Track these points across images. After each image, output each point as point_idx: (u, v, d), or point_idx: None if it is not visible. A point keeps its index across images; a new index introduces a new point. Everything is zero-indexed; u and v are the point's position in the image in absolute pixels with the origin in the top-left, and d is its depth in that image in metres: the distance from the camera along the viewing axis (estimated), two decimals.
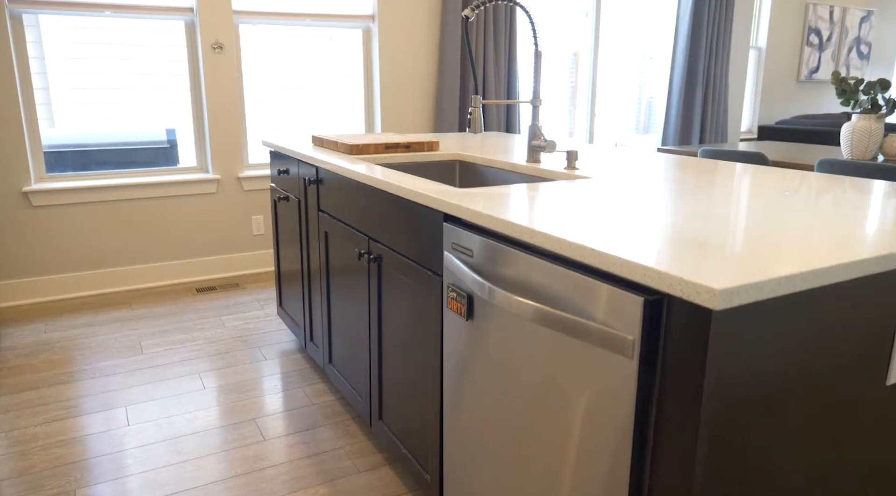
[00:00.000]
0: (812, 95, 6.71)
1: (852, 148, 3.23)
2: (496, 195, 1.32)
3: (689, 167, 1.82)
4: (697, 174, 1.67)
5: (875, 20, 6.97)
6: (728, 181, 1.55)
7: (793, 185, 1.49)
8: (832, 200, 1.29)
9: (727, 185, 1.49)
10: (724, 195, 1.34)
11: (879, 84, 3.09)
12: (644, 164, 1.86)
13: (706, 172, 1.71)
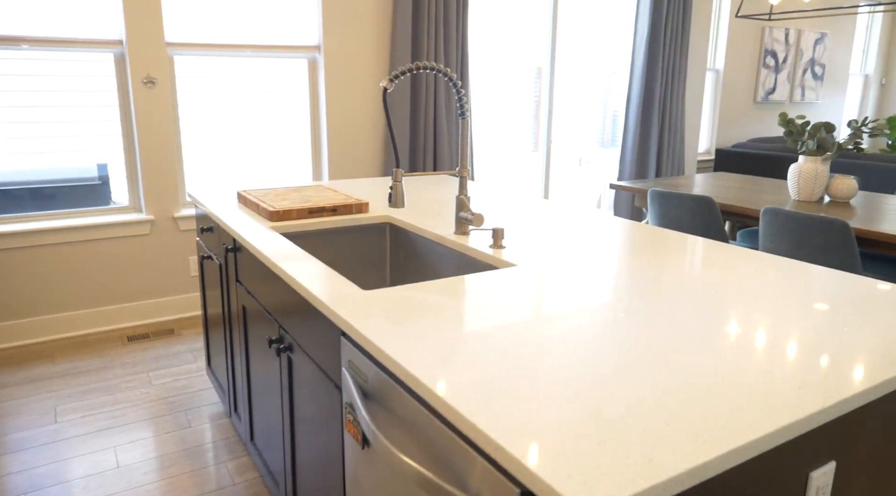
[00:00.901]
0: (769, 116, 6.76)
1: (799, 189, 3.21)
2: (402, 306, 1.22)
3: (634, 243, 1.74)
4: (639, 266, 1.59)
5: (828, 42, 7.06)
6: (671, 288, 1.47)
7: (734, 298, 1.42)
8: (774, 328, 1.22)
9: (668, 291, 1.41)
10: (661, 322, 1.26)
11: (824, 127, 3.07)
12: (579, 238, 1.78)
13: (648, 264, 1.63)
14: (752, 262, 1.56)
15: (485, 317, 1.16)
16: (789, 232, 2.65)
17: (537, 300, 1.26)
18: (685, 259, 1.58)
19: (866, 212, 2.95)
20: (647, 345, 1.04)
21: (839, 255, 2.54)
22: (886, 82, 8.01)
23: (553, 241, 1.74)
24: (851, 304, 1.26)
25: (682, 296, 1.29)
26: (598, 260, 1.57)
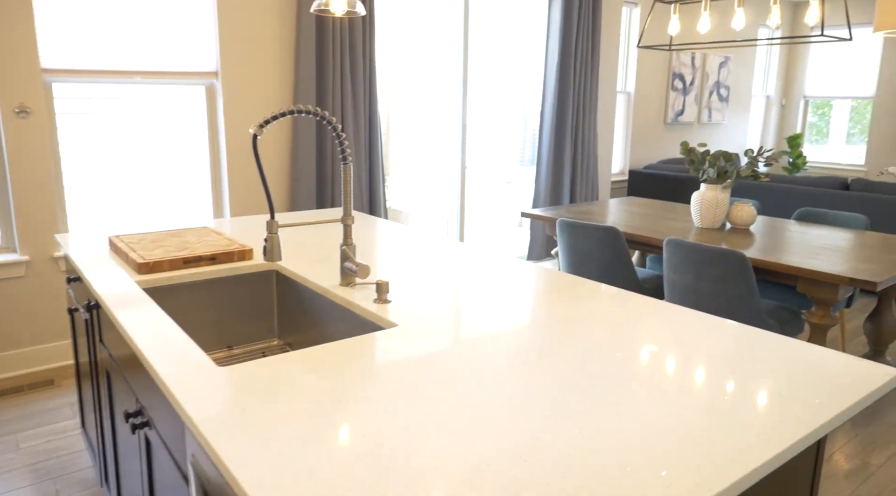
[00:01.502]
0: (678, 137, 6.98)
1: (702, 217, 3.26)
2: (255, 389, 1.09)
3: (532, 294, 1.67)
4: (536, 322, 1.51)
5: (732, 65, 7.37)
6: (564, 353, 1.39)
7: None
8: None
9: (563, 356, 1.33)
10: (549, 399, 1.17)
11: (723, 156, 3.13)
12: (476, 288, 1.69)
13: (547, 318, 1.56)
14: (655, 314, 1.51)
15: (349, 406, 1.04)
16: (691, 263, 2.67)
17: (416, 377, 1.16)
18: (589, 314, 1.52)
19: (764, 239, 3.02)
20: (544, 441, 0.95)
21: (738, 285, 2.57)
22: (786, 103, 8.45)
23: (447, 292, 1.65)
24: (745, 370, 1.22)
25: (585, 368, 1.22)
26: (491, 316, 1.48)
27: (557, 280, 1.79)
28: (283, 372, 1.16)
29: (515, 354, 1.25)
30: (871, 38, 7.64)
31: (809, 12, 2.73)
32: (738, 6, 3.03)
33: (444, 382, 1.12)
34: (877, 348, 3.16)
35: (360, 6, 2.25)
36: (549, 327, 1.41)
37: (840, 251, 2.79)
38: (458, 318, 1.46)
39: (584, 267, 3.16)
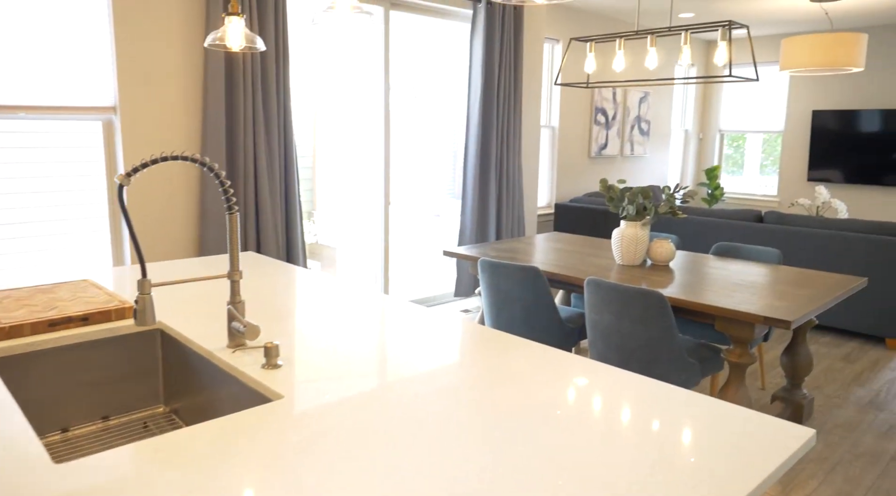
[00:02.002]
0: (603, 170, 7.10)
1: (622, 254, 3.25)
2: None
3: (448, 352, 1.55)
4: (446, 391, 1.39)
5: (651, 101, 7.60)
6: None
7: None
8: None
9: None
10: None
11: (641, 193, 3.14)
12: (382, 347, 1.56)
13: (459, 385, 1.43)
14: (566, 372, 1.41)
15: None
16: (611, 303, 2.63)
17: (296, 465, 1.01)
18: (500, 375, 1.41)
19: (684, 276, 3.02)
20: None
21: (658, 326, 2.53)
22: (703, 136, 8.78)
23: (351, 353, 1.51)
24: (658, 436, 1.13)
25: (491, 443, 1.09)
26: (394, 382, 1.35)
27: (471, 335, 1.68)
28: (129, 472, 0.99)
29: (415, 429, 1.12)
30: (778, 76, 8.05)
31: (718, 53, 2.78)
32: (651, 45, 3.07)
33: (328, 472, 0.98)
34: (794, 382, 3.19)
35: (259, 42, 2.13)
36: (458, 394, 1.29)
37: (755, 287, 2.81)
38: (357, 386, 1.32)
39: (506, 307, 3.07)
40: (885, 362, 4.00)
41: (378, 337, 1.64)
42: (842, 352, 4.16)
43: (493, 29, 4.75)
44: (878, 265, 4.22)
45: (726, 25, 2.71)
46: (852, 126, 7.28)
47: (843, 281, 2.97)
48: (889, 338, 4.25)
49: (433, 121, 6.03)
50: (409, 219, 6.81)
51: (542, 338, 3.04)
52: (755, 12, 6.43)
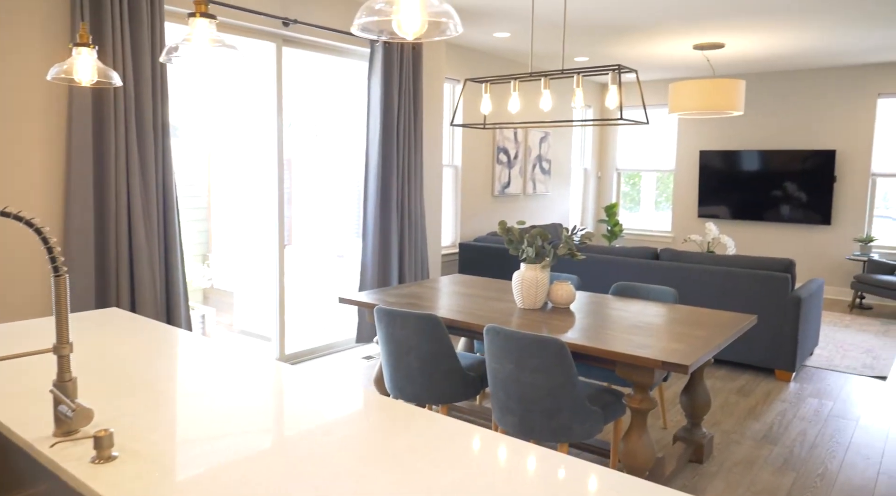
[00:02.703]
0: (507, 208, 7.14)
1: (523, 298, 3.17)
2: None
3: (332, 431, 1.35)
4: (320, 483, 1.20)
5: (551, 140, 7.78)
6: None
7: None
8: None
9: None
10: None
11: (540, 235, 3.08)
12: (239, 424, 1.35)
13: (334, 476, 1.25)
14: (462, 452, 1.26)
15: None
16: (510, 351, 2.52)
17: None
18: (393, 463, 1.23)
19: (584, 319, 2.97)
20: None
21: (558, 374, 2.44)
22: (602, 175, 9.07)
23: (209, 439, 1.29)
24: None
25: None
26: (251, 475, 1.14)
27: (358, 406, 1.50)
28: None
29: None
30: (668, 118, 8.48)
31: (609, 96, 2.80)
32: (545, 88, 3.07)
33: None
34: (693, 421, 3.20)
35: (115, 77, 1.91)
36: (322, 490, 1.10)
37: (653, 329, 2.79)
38: (206, 488, 1.11)
39: (404, 358, 2.91)
40: (776, 394, 4.13)
41: (249, 416, 1.43)
42: (736, 386, 4.27)
43: (392, 68, 4.67)
44: (764, 299, 4.39)
45: (616, 69, 2.74)
46: (736, 165, 7.73)
47: (735, 319, 3.02)
48: (778, 369, 4.40)
49: (336, 159, 5.87)
50: (312, 260, 6.55)
51: (443, 388, 2.89)
52: (645, 58, 6.74)
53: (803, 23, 5.08)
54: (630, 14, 4.88)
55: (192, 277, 6.63)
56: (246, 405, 1.47)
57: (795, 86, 7.39)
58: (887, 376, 4.49)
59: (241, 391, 1.56)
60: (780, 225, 7.59)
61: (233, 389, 1.57)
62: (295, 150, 6.31)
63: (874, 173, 7.03)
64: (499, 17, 5.03)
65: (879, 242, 7.06)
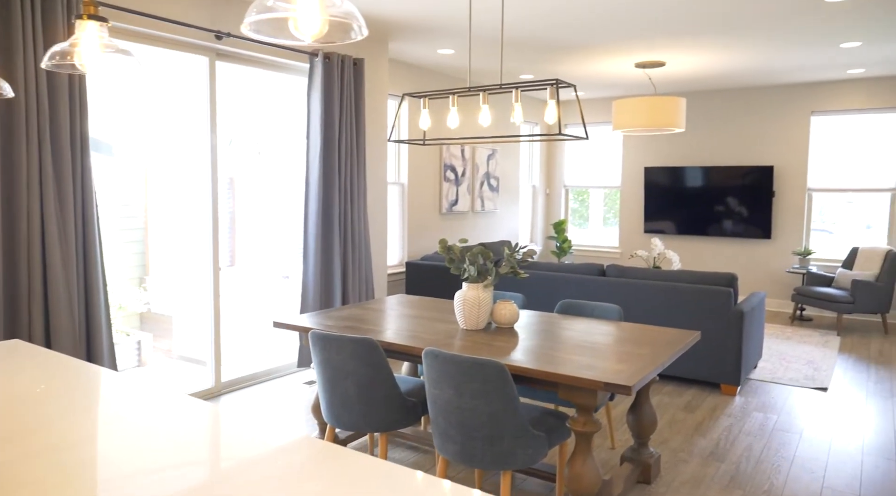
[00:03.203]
0: (455, 226, 7.07)
1: (465, 318, 3.07)
2: None
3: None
4: None
5: (499, 157, 7.76)
6: None
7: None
8: None
9: None
10: None
11: (481, 254, 3.00)
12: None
13: None
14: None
15: None
16: (450, 376, 2.41)
17: None
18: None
19: (528, 339, 2.89)
20: None
21: (499, 399, 2.34)
22: (550, 192, 9.11)
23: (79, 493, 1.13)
24: None
25: None
26: None
27: (269, 447, 1.36)
28: None
29: None
30: (613, 135, 8.59)
31: (547, 111, 2.75)
32: (484, 103, 3.00)
33: None
34: (640, 440, 3.14)
35: (6, 88, 1.74)
36: None
37: (597, 349, 2.72)
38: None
39: (339, 384, 2.76)
40: (722, 408, 4.13)
41: (117, 471, 1.28)
42: (683, 402, 4.25)
43: (332, 83, 4.56)
44: (708, 314, 4.41)
45: (553, 84, 2.69)
46: (680, 181, 7.86)
47: (679, 336, 2.99)
48: (723, 383, 4.41)
49: (280, 177, 5.69)
50: (257, 281, 6.32)
51: (382, 415, 2.75)
52: (589, 76, 6.81)
53: (739, 43, 5.20)
54: (573, 33, 4.90)
55: (128, 302, 6.32)
56: (124, 457, 1.31)
57: (735, 104, 7.59)
58: (828, 387, 4.56)
59: (133, 438, 1.40)
60: (723, 239, 7.74)
61: (124, 435, 1.41)
62: (238, 169, 6.11)
63: (810, 188, 7.24)
64: (442, 33, 4.98)
65: (817, 255, 7.26)
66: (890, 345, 5.85)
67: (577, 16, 4.46)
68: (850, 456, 3.41)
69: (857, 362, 5.25)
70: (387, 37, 5.15)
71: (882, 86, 6.74)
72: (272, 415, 3.92)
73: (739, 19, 4.52)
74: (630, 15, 4.43)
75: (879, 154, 6.85)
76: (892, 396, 4.39)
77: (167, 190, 6.26)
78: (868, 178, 6.92)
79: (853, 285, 6.10)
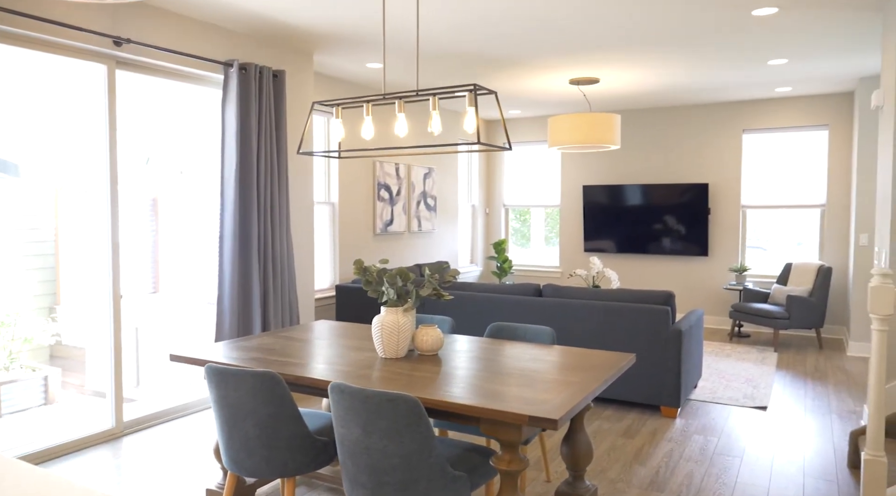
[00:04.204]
0: (390, 247, 6.81)
1: (384, 346, 2.81)
2: None
3: None
4: None
5: (436, 176, 7.57)
6: None
7: None
8: None
9: None
10: None
11: (399, 275, 2.75)
12: None
13: None
14: None
15: None
16: (356, 413, 2.13)
17: None
18: None
19: (452, 367, 2.64)
20: None
21: (413, 438, 2.08)
22: (490, 211, 8.96)
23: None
24: None
25: None
26: None
27: None
28: None
29: None
30: (551, 153, 8.52)
31: (466, 120, 2.54)
32: (399, 111, 2.77)
33: None
34: (575, 473, 2.92)
35: None
36: None
37: (525, 377, 2.50)
38: None
39: (239, 426, 2.45)
40: (662, 432, 3.96)
41: None
42: (623, 427, 4.07)
43: (249, 96, 4.27)
44: (646, 333, 4.27)
45: (472, 90, 2.49)
46: (618, 199, 7.83)
47: (613, 360, 2.80)
48: (663, 406, 4.26)
49: (203, 198, 5.33)
50: (180, 308, 5.90)
51: (286, 459, 2.44)
52: (525, 93, 6.71)
53: (671, 58, 5.17)
54: (505, 47, 4.76)
55: (34, 334, 5.80)
56: None
57: (670, 122, 7.62)
58: (767, 406, 4.46)
59: None
60: (662, 257, 7.72)
61: None
62: (160, 189, 5.71)
63: (744, 205, 7.30)
64: (367, 46, 4.76)
65: (753, 271, 7.30)
66: (825, 360, 5.86)
67: (503, 30, 4.31)
68: (791, 479, 3.27)
69: (795, 379, 5.20)
70: (311, 49, 4.90)
71: (808, 104, 6.88)
72: (171, 461, 3.53)
73: (670, 33, 4.47)
74: (558, 28, 4.32)
75: (809, 171, 6.96)
76: (829, 413, 4.32)
77: (80, 211, 5.80)
78: (799, 194, 7.02)
79: (788, 301, 6.11)
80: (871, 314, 2.49)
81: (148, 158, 5.66)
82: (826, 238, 6.84)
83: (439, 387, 2.35)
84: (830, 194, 6.80)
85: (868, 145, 5.95)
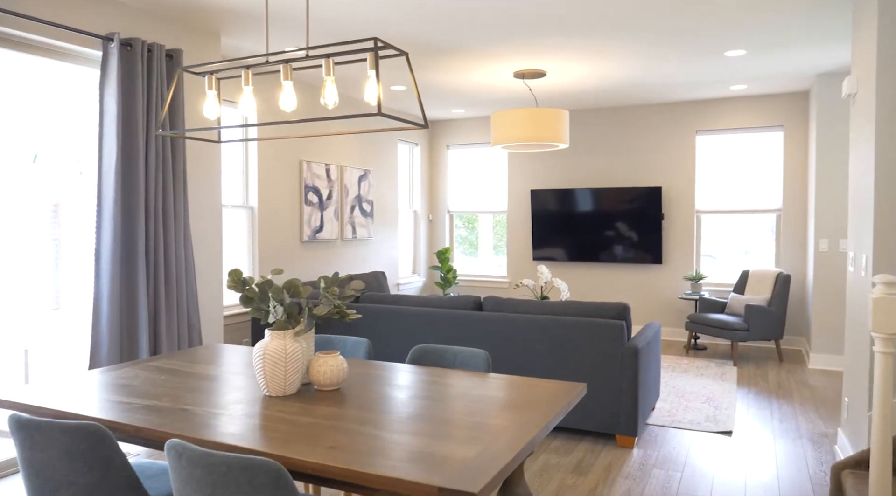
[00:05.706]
0: (322, 255, 6.16)
1: (267, 380, 2.18)
2: None
3: None
4: None
5: (373, 179, 6.96)
6: None
7: None
8: None
9: None
10: None
11: (286, 289, 2.13)
12: None
13: None
14: None
15: None
16: (200, 485, 1.51)
17: None
18: None
19: (352, 408, 2.04)
20: None
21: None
22: (434, 217, 8.40)
23: None
24: None
25: None
26: None
27: None
28: None
29: None
30: (498, 156, 8.02)
31: (368, 88, 1.96)
32: (286, 79, 2.17)
33: None
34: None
35: None
36: None
37: (446, 420, 1.92)
38: None
39: (54, 494, 1.79)
40: (618, 467, 3.44)
41: None
42: (573, 461, 3.53)
43: (136, 78, 3.60)
44: (599, 351, 3.75)
45: (373, 49, 1.91)
46: (568, 204, 7.36)
47: (559, 392, 2.24)
48: (619, 434, 3.74)
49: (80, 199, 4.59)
50: (84, 325, 5.12)
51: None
52: (466, 87, 6.19)
53: (622, 48, 4.71)
54: (442, 30, 4.21)
55: None
56: None
57: (621, 122, 7.22)
58: (732, 430, 4.00)
59: None
60: (614, 265, 7.28)
61: None
62: (62, 192, 4.94)
63: (698, 210, 6.93)
64: (284, 29, 4.14)
65: (708, 280, 6.92)
66: (787, 374, 5.48)
67: (440, 10, 3.76)
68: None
69: (758, 396, 4.78)
70: (218, 28, 4.25)
71: (762, 104, 6.56)
72: None
73: (622, 18, 3.99)
74: (499, 12, 3.79)
75: (764, 174, 6.64)
76: (799, 437, 3.88)
77: None
78: (754, 199, 6.68)
79: (747, 311, 5.72)
80: (873, 333, 2.00)
81: (35, 155, 4.89)
82: (782, 244, 6.51)
83: (327, 440, 1.75)
84: (786, 198, 6.48)
85: (827, 145, 5.63)
